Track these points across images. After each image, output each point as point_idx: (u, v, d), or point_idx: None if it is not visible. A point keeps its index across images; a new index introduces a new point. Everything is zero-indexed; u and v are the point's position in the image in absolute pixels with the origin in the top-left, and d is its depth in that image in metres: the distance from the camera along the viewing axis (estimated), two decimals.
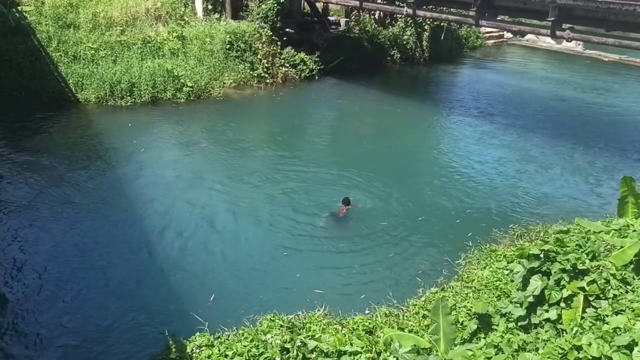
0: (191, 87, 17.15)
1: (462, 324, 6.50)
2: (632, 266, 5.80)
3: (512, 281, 7.03)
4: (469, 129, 16.57)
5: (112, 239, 9.42)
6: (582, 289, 5.58)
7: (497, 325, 6.01)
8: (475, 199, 11.56)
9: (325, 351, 5.49)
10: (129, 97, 16.34)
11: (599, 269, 5.81)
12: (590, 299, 5.53)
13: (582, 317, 5.33)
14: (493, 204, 11.33)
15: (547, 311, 5.72)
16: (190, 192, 11.29)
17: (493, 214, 10.91)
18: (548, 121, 17.60)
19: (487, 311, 6.16)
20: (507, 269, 7.64)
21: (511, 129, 16.53)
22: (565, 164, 13.87)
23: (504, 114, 18.11)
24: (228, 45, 18.88)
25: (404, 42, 24.50)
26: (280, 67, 19.84)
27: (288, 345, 5.51)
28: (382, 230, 10.11)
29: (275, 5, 19.52)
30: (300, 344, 5.53)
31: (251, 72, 19.16)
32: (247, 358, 5.51)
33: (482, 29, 28.72)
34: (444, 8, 17.83)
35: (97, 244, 9.26)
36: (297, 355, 5.43)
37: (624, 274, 5.72)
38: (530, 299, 5.85)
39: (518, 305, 5.98)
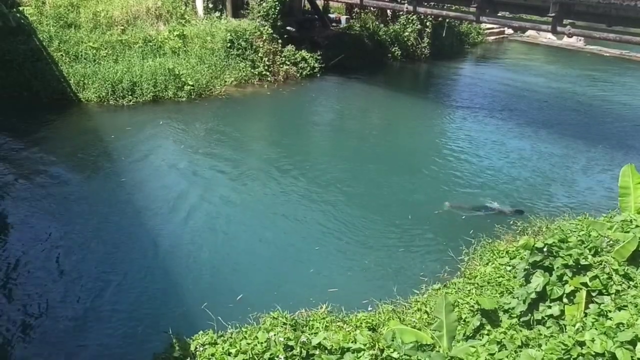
0: (192, 85, 17.14)
1: (464, 320, 6.50)
2: (634, 262, 5.79)
3: (514, 277, 7.03)
4: (472, 125, 16.52)
5: (118, 238, 9.44)
6: (585, 284, 5.58)
7: (500, 321, 6.01)
8: (477, 195, 11.54)
9: (328, 348, 5.49)
10: (130, 97, 16.36)
11: (601, 264, 5.81)
12: (593, 294, 5.53)
13: (585, 313, 5.33)
14: (495, 200, 11.30)
15: (549, 307, 5.72)
16: (198, 191, 11.32)
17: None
18: (551, 116, 17.55)
19: (492, 307, 6.16)
20: (509, 265, 7.64)
21: (514, 124, 16.49)
22: (569, 159, 13.84)
23: (506, 109, 18.07)
24: (229, 44, 18.87)
25: (405, 39, 24.43)
26: (282, 65, 19.82)
27: (291, 343, 5.52)
28: (393, 226, 10.13)
29: (276, 3, 19.50)
30: (304, 340, 5.53)
31: (252, 71, 19.16)
32: (250, 356, 5.52)
33: (483, 26, 28.54)
34: (445, 5, 17.78)
35: (102, 243, 9.29)
36: (301, 352, 5.44)
37: (627, 270, 5.72)
38: (533, 295, 5.84)
39: (520, 301, 5.99)
